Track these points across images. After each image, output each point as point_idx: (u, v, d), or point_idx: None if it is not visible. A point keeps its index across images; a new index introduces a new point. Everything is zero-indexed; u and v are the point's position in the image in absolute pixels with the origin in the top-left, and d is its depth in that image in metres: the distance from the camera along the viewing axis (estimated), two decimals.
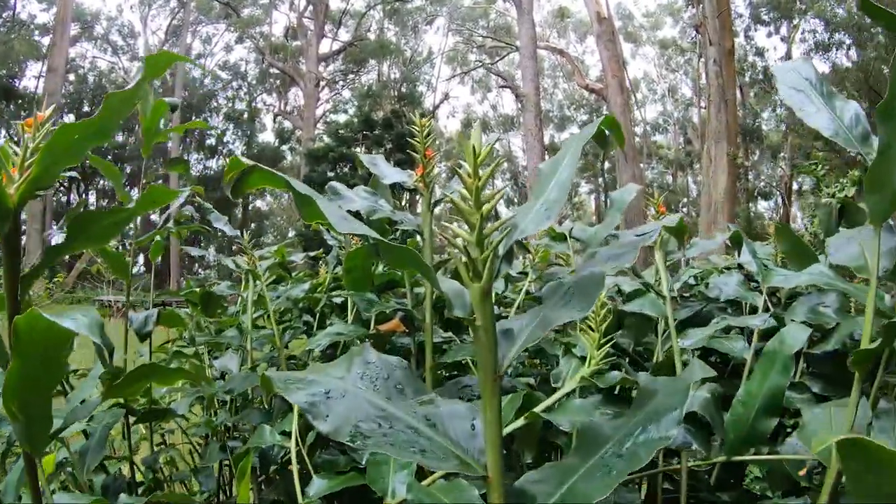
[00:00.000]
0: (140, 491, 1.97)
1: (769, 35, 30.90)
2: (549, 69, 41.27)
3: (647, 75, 43.32)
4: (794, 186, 30.12)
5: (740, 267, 2.26)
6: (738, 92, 20.01)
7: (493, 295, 0.92)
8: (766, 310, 2.03)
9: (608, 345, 1.09)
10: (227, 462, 2.06)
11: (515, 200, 34.27)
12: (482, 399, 0.62)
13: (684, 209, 40.74)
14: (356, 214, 1.45)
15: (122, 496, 1.33)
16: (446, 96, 38.92)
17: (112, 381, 0.85)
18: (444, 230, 0.62)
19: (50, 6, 35.81)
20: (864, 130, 1.00)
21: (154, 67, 0.90)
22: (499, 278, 0.58)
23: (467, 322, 0.60)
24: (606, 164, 38.38)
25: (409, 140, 1.43)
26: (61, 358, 0.78)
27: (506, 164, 40.22)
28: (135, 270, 2.03)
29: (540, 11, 37.54)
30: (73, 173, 2.16)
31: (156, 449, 2.21)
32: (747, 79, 29.80)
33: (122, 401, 1.89)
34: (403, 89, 31.09)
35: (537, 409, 1.05)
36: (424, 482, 1.11)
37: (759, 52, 30.22)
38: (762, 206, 34.97)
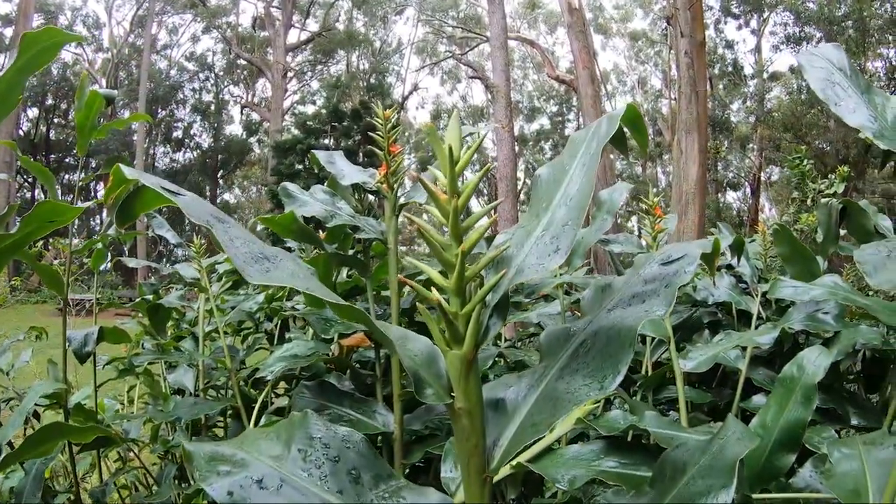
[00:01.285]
0: None
1: (739, 28, 31.02)
2: (520, 60, 41.17)
3: (617, 67, 43.43)
4: (763, 177, 30.32)
5: (729, 268, 2.14)
6: (708, 84, 20.04)
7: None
8: (759, 316, 1.90)
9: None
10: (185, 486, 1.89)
11: (485, 192, 34.20)
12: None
13: (654, 199, 41.05)
14: (311, 220, 1.27)
15: None
16: (416, 87, 38.66)
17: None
18: (408, 278, 0.44)
19: None
20: None
21: (36, 42, 0.69)
22: (488, 340, 0.40)
23: (447, 405, 0.43)
24: None
25: (372, 135, 1.25)
26: None
27: (476, 156, 39.98)
28: (102, 267, 1.86)
29: (511, 2, 37.46)
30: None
31: (112, 470, 2.03)
32: (717, 71, 29.87)
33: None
34: (372, 80, 30.73)
35: (522, 459, 0.87)
36: None
37: (729, 45, 30.38)
38: (731, 196, 35.12)
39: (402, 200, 1.27)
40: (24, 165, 1.55)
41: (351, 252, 1.46)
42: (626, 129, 0.54)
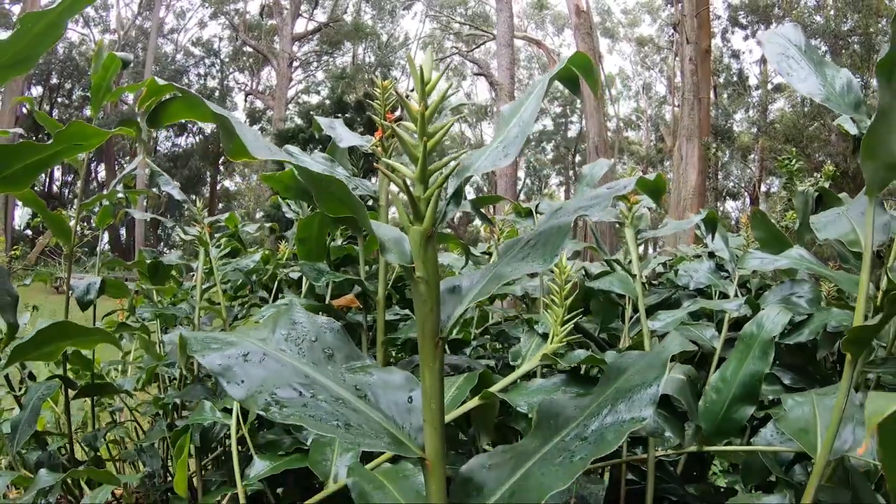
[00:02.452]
0: (81, 469, 1.87)
1: (746, 38, 31.04)
2: (526, 60, 41.26)
3: (623, 71, 43.52)
4: (763, 188, 30.40)
5: (711, 255, 2.21)
6: (711, 92, 20.10)
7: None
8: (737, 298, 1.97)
9: (574, 321, 1.00)
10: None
11: (485, 189, 34.24)
12: (421, 366, 0.52)
13: (653, 205, 41.16)
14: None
15: (42, 471, 1.22)
16: None
17: (9, 338, 0.74)
18: (386, 166, 0.52)
19: None
20: (857, 97, 0.93)
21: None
22: (444, 221, 0.49)
23: (408, 273, 0.51)
24: (577, 158, 38.53)
25: (370, 102, 1.33)
26: None
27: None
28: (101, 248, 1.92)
29: (519, 2, 37.48)
30: (20, 130, 2.05)
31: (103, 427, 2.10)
32: (721, 80, 29.92)
33: (60, 373, 1.79)
34: (378, 73, 30.81)
35: (493, 389, 0.96)
36: (369, 465, 1.02)
37: (735, 55, 30.38)
38: (730, 205, 35.18)
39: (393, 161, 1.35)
40: (40, 121, 1.62)
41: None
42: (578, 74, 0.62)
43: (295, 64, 35.71)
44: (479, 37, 31.48)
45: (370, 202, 1.40)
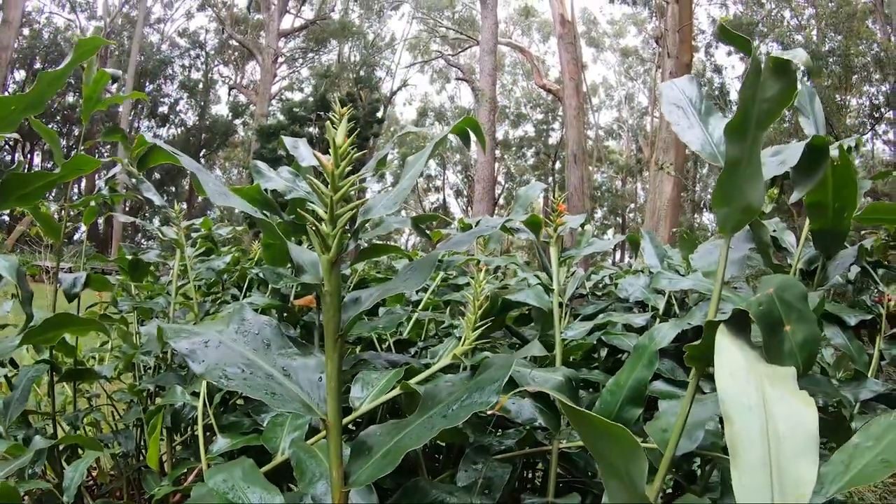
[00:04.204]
0: (71, 436, 2.04)
1: (729, 54, 31.38)
2: (510, 66, 41.51)
3: (607, 81, 43.92)
4: None
5: (648, 271, 2.40)
6: None
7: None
8: (668, 312, 2.16)
9: (483, 327, 1.21)
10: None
11: (464, 192, 34.36)
12: (326, 355, 0.74)
13: (631, 214, 41.44)
14: (275, 192, 1.55)
15: (38, 438, 1.41)
16: (405, 83, 38.79)
17: (26, 325, 0.95)
18: (305, 210, 0.73)
19: None
20: None
21: (84, 51, 1.01)
22: (347, 251, 0.70)
23: (318, 288, 0.72)
24: (557, 165, 38.72)
25: (364, 129, 1.52)
26: None
27: (458, 156, 40.35)
28: (78, 238, 2.08)
29: (506, 8, 37.73)
30: (16, 135, 2.22)
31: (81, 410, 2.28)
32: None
33: (47, 357, 1.96)
34: (362, 73, 30.88)
35: (411, 382, 1.17)
36: (308, 441, 1.23)
37: (718, 69, 30.71)
38: (707, 217, 35.66)
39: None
40: (36, 128, 1.80)
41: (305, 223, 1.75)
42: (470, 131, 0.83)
43: (280, 60, 35.78)
44: (465, 41, 31.72)
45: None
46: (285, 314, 1.89)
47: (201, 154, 40.29)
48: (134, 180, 2.20)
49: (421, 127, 42.09)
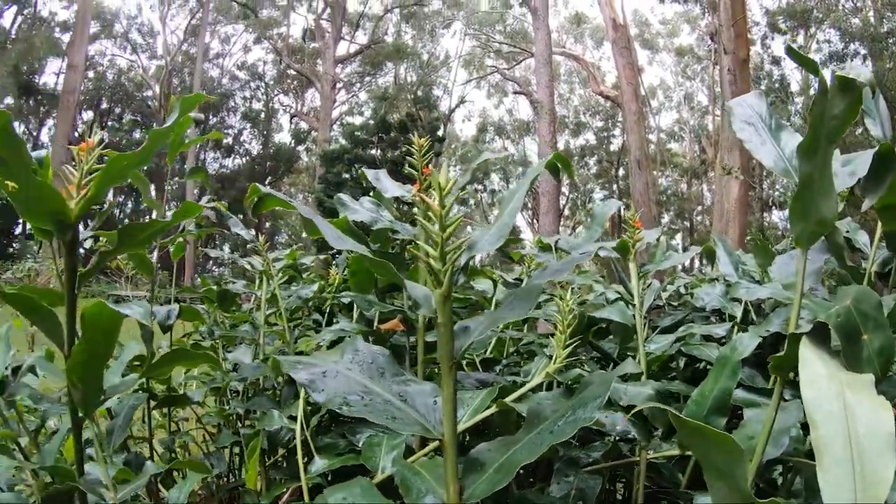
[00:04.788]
0: (182, 461, 2.14)
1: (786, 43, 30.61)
2: (566, 74, 41.36)
3: (664, 82, 43.33)
4: None
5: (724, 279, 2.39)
6: None
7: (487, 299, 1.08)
8: (745, 319, 2.15)
9: (573, 345, 1.25)
10: (236, 449, 2.24)
11: (529, 205, 34.33)
12: (441, 380, 0.80)
13: (698, 217, 40.68)
14: (361, 224, 1.63)
15: (148, 463, 1.50)
16: (462, 100, 38.93)
17: (149, 362, 1.03)
18: (417, 249, 0.80)
19: (70, 4, 36.45)
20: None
21: (187, 106, 1.10)
22: (457, 285, 0.77)
23: (433, 320, 0.78)
24: (620, 171, 38.34)
25: (409, 159, 1.59)
26: (114, 339, 0.97)
27: (520, 169, 40.36)
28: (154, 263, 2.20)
29: (556, 17, 37.65)
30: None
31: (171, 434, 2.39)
32: (763, 87, 29.66)
33: (145, 385, 2.07)
34: (419, 93, 31.16)
35: (507, 399, 1.22)
36: (409, 459, 1.29)
37: (776, 61, 30.05)
38: (776, 216, 34.80)
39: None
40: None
41: (390, 251, 1.82)
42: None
43: (338, 85, 36.40)
44: (519, 54, 31.77)
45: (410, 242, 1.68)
46: (370, 338, 1.96)
47: (267, 181, 41.25)
48: (221, 216, 2.32)
49: (482, 143, 42.34)
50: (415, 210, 1.65)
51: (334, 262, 2.75)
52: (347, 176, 23.71)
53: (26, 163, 0.99)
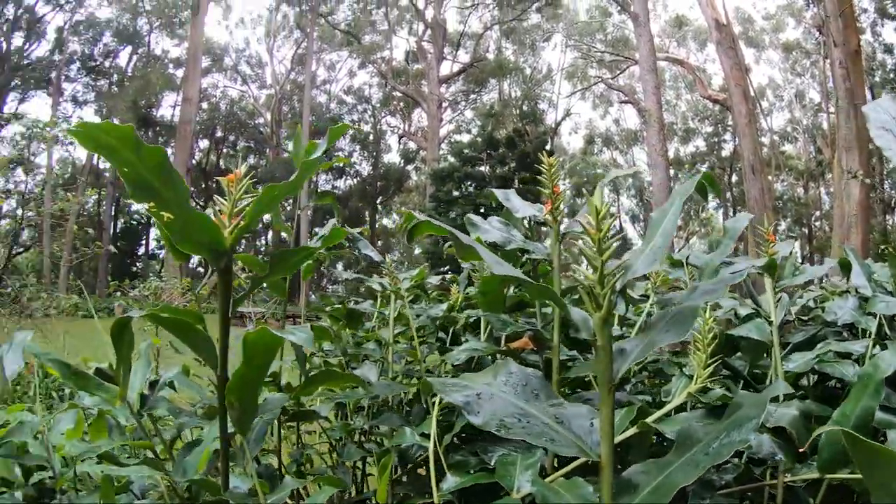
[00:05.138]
0: (319, 477, 2.20)
1: None
2: (671, 80, 40.48)
3: (773, 81, 41.70)
4: None
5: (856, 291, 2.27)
6: (867, 94, 18.91)
7: (616, 317, 1.08)
8: (878, 333, 2.04)
9: (714, 365, 1.23)
10: (359, 462, 2.29)
11: (640, 216, 33.70)
12: (600, 402, 0.80)
13: (817, 223, 38.92)
14: (493, 244, 1.64)
15: (287, 478, 1.56)
16: (567, 113, 38.61)
17: (304, 383, 1.08)
18: (575, 272, 0.80)
19: (181, 42, 38.55)
20: None
21: (334, 136, 1.16)
22: (616, 308, 0.78)
23: (591, 342, 0.79)
24: (733, 178, 37.11)
25: (534, 164, 1.59)
26: (271, 362, 1.02)
27: (630, 180, 39.76)
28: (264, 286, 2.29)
29: (657, 21, 36.85)
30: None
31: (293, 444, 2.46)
32: (877, 78, 28.19)
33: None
34: (525, 107, 31.19)
35: (648, 420, 1.21)
36: (546, 479, 1.29)
37: (888, 49, 28.38)
38: None
39: (563, 230, 1.62)
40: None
41: (521, 270, 1.84)
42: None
43: (444, 104, 36.87)
44: (622, 62, 31.33)
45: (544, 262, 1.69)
46: (499, 356, 1.98)
47: (378, 201, 42.19)
48: (351, 238, 2.39)
49: (590, 155, 41.90)
50: (543, 229, 1.66)
51: (454, 282, 2.78)
52: (457, 193, 23.95)
53: (183, 195, 1.05)
